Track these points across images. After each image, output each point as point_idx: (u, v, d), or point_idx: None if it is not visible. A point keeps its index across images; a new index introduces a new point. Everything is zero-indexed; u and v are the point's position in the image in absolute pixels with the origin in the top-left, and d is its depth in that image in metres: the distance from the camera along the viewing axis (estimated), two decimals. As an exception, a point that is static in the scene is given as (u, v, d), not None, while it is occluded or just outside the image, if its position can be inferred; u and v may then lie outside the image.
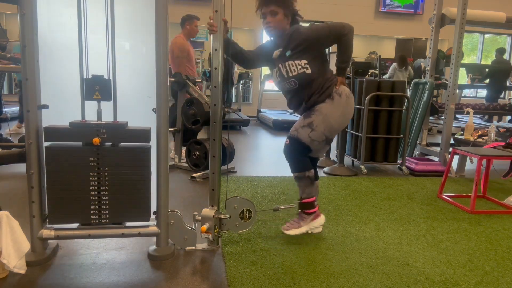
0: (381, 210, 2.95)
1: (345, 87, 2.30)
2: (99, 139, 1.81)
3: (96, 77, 1.83)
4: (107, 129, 1.83)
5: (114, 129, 1.85)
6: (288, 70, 2.21)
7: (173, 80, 3.89)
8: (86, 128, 1.82)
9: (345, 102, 2.26)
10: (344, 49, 2.25)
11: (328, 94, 2.24)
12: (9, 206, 2.68)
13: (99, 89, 1.83)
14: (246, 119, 7.53)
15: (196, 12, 9.71)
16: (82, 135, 1.82)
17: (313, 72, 2.19)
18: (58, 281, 1.76)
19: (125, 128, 1.86)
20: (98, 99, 1.85)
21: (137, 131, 1.87)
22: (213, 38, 2.04)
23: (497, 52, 8.16)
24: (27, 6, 1.72)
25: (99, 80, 1.83)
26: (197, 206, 2.86)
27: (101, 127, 1.83)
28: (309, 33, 2.19)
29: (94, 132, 1.82)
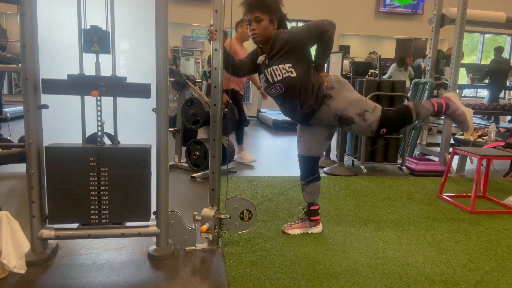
0: (381, 210, 2.95)
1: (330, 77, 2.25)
2: (98, 91, 1.78)
3: (94, 28, 1.78)
4: (105, 81, 1.80)
5: (113, 82, 1.82)
6: (273, 75, 2.16)
7: (173, 80, 3.89)
8: (84, 80, 1.79)
9: (338, 85, 2.20)
10: (324, 46, 2.17)
11: (322, 96, 2.18)
12: (9, 206, 2.68)
13: (98, 40, 1.78)
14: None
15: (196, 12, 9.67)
16: (81, 87, 1.78)
17: (298, 75, 2.13)
18: (58, 281, 1.76)
19: (124, 81, 1.84)
20: (97, 51, 1.80)
21: (136, 85, 1.84)
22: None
23: (495, 51, 8.15)
24: (27, 6, 1.72)
25: (98, 32, 1.78)
26: (197, 206, 2.86)
27: (99, 79, 1.80)
28: (290, 36, 2.12)
29: (93, 84, 1.79)
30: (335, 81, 2.22)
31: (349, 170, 4.14)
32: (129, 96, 1.84)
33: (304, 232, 2.43)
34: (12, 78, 8.89)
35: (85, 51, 1.80)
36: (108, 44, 1.81)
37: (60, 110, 1.91)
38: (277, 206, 2.94)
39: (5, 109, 4.74)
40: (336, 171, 4.09)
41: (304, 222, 2.45)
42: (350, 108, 2.16)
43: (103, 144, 1.88)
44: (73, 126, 1.90)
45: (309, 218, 2.44)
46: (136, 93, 1.84)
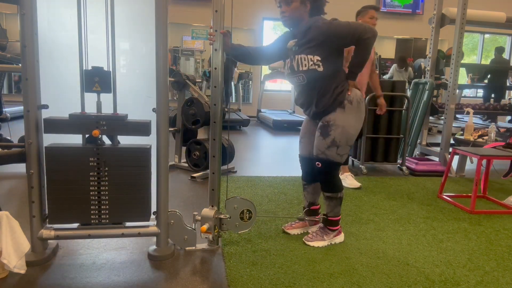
0: (381, 210, 2.95)
1: (357, 91, 2.17)
2: (99, 131, 1.80)
3: (96, 68, 1.81)
4: (106, 121, 1.82)
5: (114, 121, 1.83)
6: (299, 64, 2.07)
7: (173, 80, 3.89)
8: (85, 119, 1.81)
9: (357, 108, 2.15)
10: (361, 53, 2.08)
11: (339, 102, 2.11)
12: (9, 206, 2.68)
13: (99, 80, 1.81)
14: (246, 119, 7.53)
15: (196, 12, 9.65)
16: (82, 126, 1.80)
17: (325, 71, 2.04)
18: (58, 281, 1.76)
19: (124, 120, 1.85)
20: (98, 91, 1.83)
21: (137, 124, 1.85)
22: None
23: (496, 51, 8.16)
24: (27, 6, 1.72)
25: (99, 72, 1.81)
26: (197, 206, 2.86)
27: (100, 118, 1.82)
28: (327, 28, 2.03)
29: (94, 123, 1.81)
30: (357, 100, 2.15)
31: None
32: (129, 135, 1.87)
33: (304, 232, 2.43)
34: (12, 78, 8.89)
35: (87, 91, 1.84)
36: (109, 84, 1.85)
37: (60, 110, 1.91)
38: (277, 206, 2.94)
39: (5, 109, 4.74)
40: (336, 171, 4.08)
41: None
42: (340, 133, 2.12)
43: (103, 144, 1.88)
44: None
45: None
46: (136, 132, 1.87)
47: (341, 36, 2.04)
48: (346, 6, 9.85)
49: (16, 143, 3.70)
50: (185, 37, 9.57)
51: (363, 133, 4.12)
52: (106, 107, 1.88)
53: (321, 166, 2.18)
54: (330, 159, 2.16)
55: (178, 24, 9.22)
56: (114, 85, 1.87)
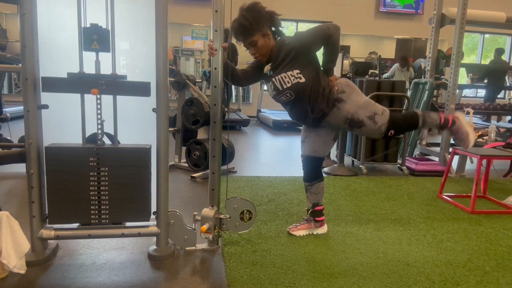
0: (381, 210, 2.95)
1: (340, 79, 2.27)
2: (98, 90, 1.78)
3: (94, 26, 1.77)
4: (105, 80, 1.80)
5: (113, 80, 1.81)
6: (282, 83, 2.14)
7: (173, 80, 3.89)
8: (84, 78, 1.79)
9: (350, 90, 2.21)
10: (331, 50, 2.17)
11: (333, 100, 2.18)
12: (9, 206, 2.68)
13: (98, 39, 1.78)
14: (246, 119, 7.53)
15: (196, 12, 9.68)
16: (80, 85, 1.78)
17: (307, 80, 2.12)
18: (58, 281, 1.76)
19: (124, 79, 1.83)
20: (97, 49, 1.80)
21: (136, 83, 1.84)
22: (213, 39, 2.04)
23: (496, 52, 8.17)
24: (27, 6, 1.72)
25: (98, 30, 1.78)
26: (197, 206, 2.86)
27: (99, 77, 1.80)
28: (294, 42, 2.11)
29: (93, 82, 1.78)
30: (345, 85, 2.23)
31: (349, 170, 4.14)
32: (129, 94, 1.84)
33: (310, 233, 2.43)
34: (12, 78, 8.89)
35: (85, 49, 1.80)
36: (108, 42, 1.81)
37: (60, 110, 1.91)
38: (277, 206, 2.94)
39: (5, 109, 4.74)
40: (336, 171, 4.09)
41: (309, 223, 2.44)
42: (361, 111, 2.18)
43: (103, 144, 1.88)
44: (73, 126, 1.90)
45: (314, 219, 2.43)
46: (136, 91, 1.84)
47: (309, 43, 2.13)
48: (343, 7, 9.88)
49: (16, 143, 3.70)
50: (185, 37, 9.57)
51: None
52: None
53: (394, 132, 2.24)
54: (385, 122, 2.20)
55: (178, 24, 9.22)
56: (113, 44, 1.83)
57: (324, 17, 9.83)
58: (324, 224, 2.48)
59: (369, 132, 2.24)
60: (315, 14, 9.71)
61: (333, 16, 9.79)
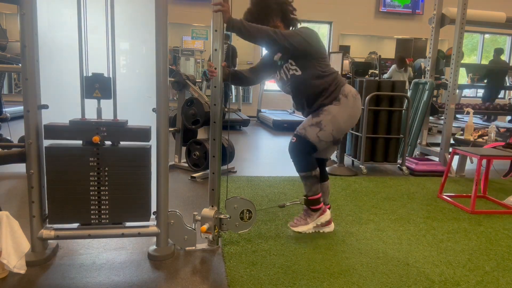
0: (381, 210, 2.95)
1: (351, 87, 2.28)
2: (99, 137, 1.81)
3: (96, 75, 1.82)
4: (107, 127, 1.83)
5: (114, 128, 1.84)
6: (285, 72, 2.22)
7: (173, 80, 3.89)
8: (85, 126, 1.81)
9: (352, 103, 2.24)
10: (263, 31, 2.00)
11: (334, 97, 2.21)
12: (9, 206, 2.68)
13: (99, 87, 1.83)
14: (246, 119, 7.53)
15: (196, 12, 9.68)
16: (82, 133, 1.81)
17: (303, 74, 2.14)
18: (58, 281, 1.76)
19: (124, 126, 1.86)
20: (98, 97, 1.84)
21: (137, 130, 1.87)
22: (213, 38, 2.04)
23: (495, 52, 8.17)
24: (27, 6, 1.72)
25: (99, 78, 1.83)
26: (197, 206, 2.86)
27: (101, 125, 1.82)
28: None
29: (94, 130, 1.81)
30: (352, 96, 2.24)
31: (349, 170, 4.14)
32: (129, 140, 1.88)
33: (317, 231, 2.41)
34: (12, 78, 8.89)
35: (87, 97, 1.84)
36: (110, 90, 1.85)
37: (60, 110, 1.91)
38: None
39: (5, 109, 4.73)
40: (336, 171, 4.09)
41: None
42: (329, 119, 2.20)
43: (103, 144, 1.88)
44: (73, 126, 1.90)
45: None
46: (136, 138, 1.87)
47: None
48: (343, 7, 9.88)
49: (16, 143, 3.70)
50: (185, 37, 9.57)
51: (363, 132, 4.12)
52: (106, 111, 1.88)
53: (296, 141, 2.25)
54: (307, 137, 2.21)
55: (178, 24, 9.22)
56: (114, 91, 1.87)
57: (324, 17, 9.84)
58: (331, 223, 2.47)
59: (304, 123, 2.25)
60: (315, 14, 9.71)
61: (333, 16, 9.80)
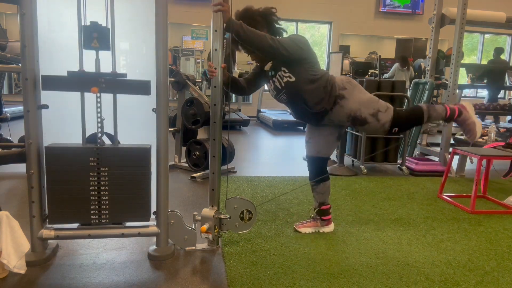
0: (381, 210, 2.95)
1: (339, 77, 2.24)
2: (98, 88, 1.78)
3: (94, 24, 1.77)
4: (105, 78, 1.80)
5: (113, 79, 1.81)
6: (279, 81, 2.15)
7: (173, 80, 3.89)
8: (84, 76, 1.79)
9: (352, 87, 2.19)
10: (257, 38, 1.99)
11: (335, 96, 2.16)
12: (9, 206, 2.68)
13: (98, 37, 1.78)
14: (246, 119, 7.53)
15: (196, 12, 9.68)
16: (80, 84, 1.78)
17: (297, 79, 2.09)
18: (58, 281, 1.76)
19: (124, 78, 1.84)
20: (96, 47, 1.80)
21: (136, 82, 1.84)
22: (213, 38, 2.03)
23: (495, 51, 8.16)
24: (27, 6, 1.72)
25: (98, 28, 1.78)
26: (197, 206, 2.86)
27: (99, 76, 1.80)
28: None
29: (93, 81, 1.78)
30: (347, 82, 2.22)
31: (349, 170, 4.14)
32: (129, 93, 1.84)
33: (316, 231, 2.44)
34: (12, 78, 8.89)
35: (85, 48, 1.80)
36: (108, 40, 1.81)
37: (60, 110, 1.91)
38: (277, 206, 2.94)
39: (5, 109, 4.73)
40: (336, 171, 4.09)
41: (316, 221, 2.46)
42: (364, 109, 2.17)
43: (103, 144, 1.88)
44: (73, 126, 1.90)
45: (321, 217, 2.44)
46: (136, 90, 1.84)
47: None
48: (343, 7, 9.88)
49: (16, 143, 3.70)
50: (185, 37, 9.57)
51: (363, 132, 4.11)
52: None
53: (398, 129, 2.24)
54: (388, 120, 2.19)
55: (178, 24, 9.22)
56: (113, 42, 1.83)
57: (324, 17, 9.83)
58: (331, 223, 2.49)
59: (372, 129, 2.23)
60: (315, 14, 9.71)
61: (333, 16, 9.80)
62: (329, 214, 2.45)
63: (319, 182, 2.40)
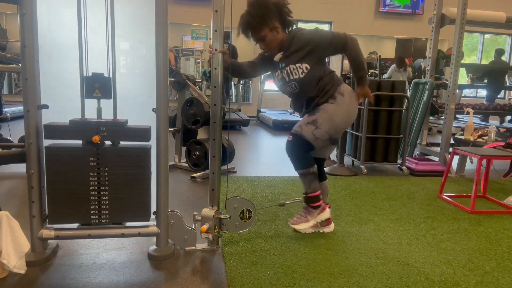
0: (381, 210, 2.95)
1: (347, 86, 2.29)
2: (99, 137, 1.80)
3: (96, 75, 1.82)
4: (106, 127, 1.83)
5: (114, 127, 1.84)
6: (290, 73, 2.18)
7: (173, 80, 3.89)
8: (86, 126, 1.81)
9: (349, 101, 2.24)
10: (355, 57, 2.22)
11: (330, 95, 2.22)
12: (9, 206, 2.68)
13: (99, 87, 1.82)
14: (246, 119, 7.53)
15: (196, 12, 9.68)
16: (82, 133, 1.81)
17: (314, 76, 2.16)
18: (58, 281, 1.76)
19: (124, 126, 1.86)
20: (98, 97, 1.84)
21: (137, 130, 1.86)
22: (213, 39, 2.04)
23: (496, 53, 8.17)
24: (27, 6, 1.72)
25: (99, 78, 1.82)
26: (197, 206, 2.86)
27: (101, 125, 1.82)
28: (313, 37, 2.14)
29: (94, 130, 1.81)
30: (349, 94, 2.26)
31: (349, 170, 4.14)
32: (129, 140, 1.88)
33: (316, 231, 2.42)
34: (12, 78, 8.89)
35: (87, 97, 1.84)
36: (110, 90, 1.85)
37: (60, 110, 1.91)
38: (277, 206, 2.93)
39: (5, 109, 4.73)
40: (336, 171, 4.09)
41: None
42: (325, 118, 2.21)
43: (103, 144, 1.88)
44: (73, 126, 1.90)
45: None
46: (136, 138, 1.87)
47: (326, 43, 2.17)
48: (343, 7, 9.88)
49: (16, 143, 3.70)
50: (185, 37, 9.58)
51: (363, 132, 4.12)
52: (106, 111, 1.88)
53: (292, 139, 2.27)
54: (303, 135, 2.22)
55: (178, 24, 9.22)
56: (114, 90, 1.87)
57: (324, 17, 9.83)
58: (331, 223, 2.47)
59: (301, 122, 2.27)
60: (315, 14, 9.71)
61: (333, 16, 9.80)
62: (319, 200, 2.37)
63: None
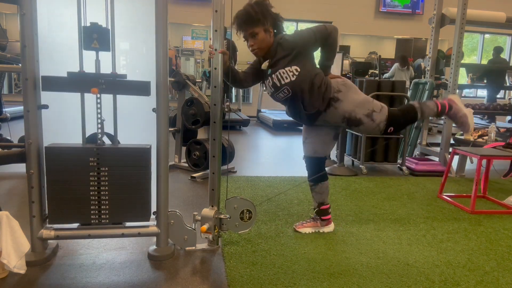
0: (381, 210, 2.95)
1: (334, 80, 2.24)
2: (98, 89, 1.78)
3: (94, 25, 1.77)
4: (105, 79, 1.80)
5: (113, 80, 1.81)
6: (280, 78, 2.15)
7: (173, 80, 3.89)
8: (84, 77, 1.79)
9: (347, 88, 2.21)
10: (329, 49, 2.21)
11: (329, 98, 2.18)
12: (9, 206, 2.68)
13: (98, 37, 1.77)
14: (246, 119, 7.53)
15: (196, 12, 9.69)
16: (80, 84, 1.78)
17: (305, 76, 2.14)
18: (58, 281, 1.76)
19: (124, 79, 1.83)
20: (96, 48, 1.79)
21: (136, 83, 1.84)
22: (213, 39, 2.04)
23: (495, 51, 8.16)
24: (27, 6, 1.72)
25: (98, 29, 1.77)
26: (197, 206, 2.86)
27: (99, 77, 1.80)
28: (297, 40, 2.14)
29: (93, 81, 1.78)
30: (342, 83, 2.23)
31: (349, 170, 4.14)
32: (129, 94, 1.84)
33: (316, 231, 2.44)
34: (12, 78, 8.89)
35: (85, 48, 1.80)
36: (108, 41, 1.81)
37: (60, 110, 1.91)
38: (277, 206, 2.94)
39: (5, 109, 4.73)
40: (336, 171, 4.09)
41: (315, 221, 2.46)
42: (358, 110, 2.18)
43: (103, 144, 1.88)
44: (73, 126, 1.90)
45: (321, 217, 2.45)
46: (136, 91, 1.84)
47: (310, 42, 2.16)
48: (343, 7, 9.87)
49: (16, 143, 3.70)
50: (185, 37, 9.58)
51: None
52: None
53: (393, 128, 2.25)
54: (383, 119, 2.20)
55: (178, 24, 9.23)
56: (113, 43, 1.83)
57: (324, 17, 9.83)
58: (331, 223, 2.49)
59: (367, 130, 2.25)
60: (315, 14, 9.71)
61: (333, 16, 9.79)
62: (328, 214, 2.45)
63: (317, 182, 2.40)
